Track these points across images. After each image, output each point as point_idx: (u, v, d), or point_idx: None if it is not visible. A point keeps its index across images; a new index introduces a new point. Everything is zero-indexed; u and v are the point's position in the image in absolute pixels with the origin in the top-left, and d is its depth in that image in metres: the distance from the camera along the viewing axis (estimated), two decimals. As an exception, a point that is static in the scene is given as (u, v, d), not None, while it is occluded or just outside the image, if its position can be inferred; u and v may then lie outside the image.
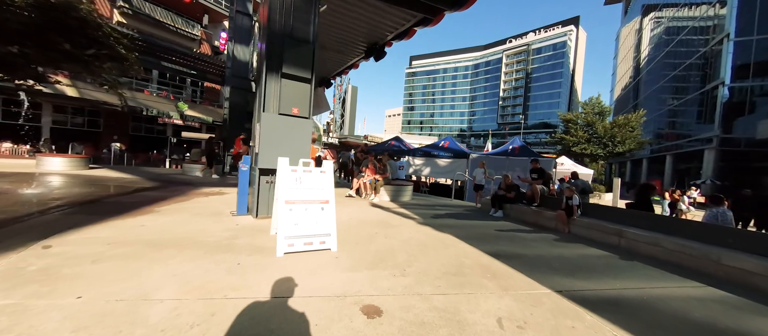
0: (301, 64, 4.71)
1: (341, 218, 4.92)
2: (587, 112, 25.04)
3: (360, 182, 7.71)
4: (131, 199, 5.60)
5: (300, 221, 3.10)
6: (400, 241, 3.81)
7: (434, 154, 11.97)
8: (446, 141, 12.61)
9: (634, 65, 45.91)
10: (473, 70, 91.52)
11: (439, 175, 12.21)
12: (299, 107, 4.77)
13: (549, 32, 76.37)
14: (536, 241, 4.39)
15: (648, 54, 39.83)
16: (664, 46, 34.05)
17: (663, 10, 36.12)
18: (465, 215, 6.32)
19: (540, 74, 76.24)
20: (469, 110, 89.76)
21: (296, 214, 3.10)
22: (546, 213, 5.54)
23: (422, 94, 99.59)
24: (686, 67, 28.85)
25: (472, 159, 10.88)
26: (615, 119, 24.40)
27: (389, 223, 4.91)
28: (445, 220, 5.58)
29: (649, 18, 40.38)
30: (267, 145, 4.46)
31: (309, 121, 4.86)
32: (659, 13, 37.28)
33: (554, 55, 74.38)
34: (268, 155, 4.44)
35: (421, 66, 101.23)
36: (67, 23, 7.59)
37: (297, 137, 4.70)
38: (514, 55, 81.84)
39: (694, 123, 26.28)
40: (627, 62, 49.80)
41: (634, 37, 46.05)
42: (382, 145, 15.09)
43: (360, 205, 6.54)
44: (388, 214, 5.72)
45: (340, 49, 10.40)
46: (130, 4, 18.54)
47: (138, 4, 18.98)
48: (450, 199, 8.76)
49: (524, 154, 10.27)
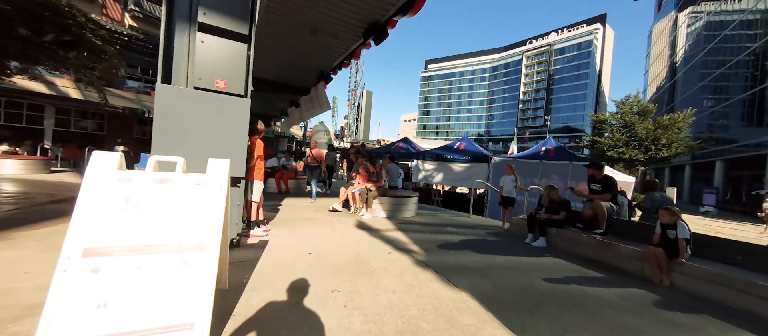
0: (230, 7, 3.02)
1: (295, 251, 3.14)
2: (624, 111, 22.14)
3: (348, 192, 5.93)
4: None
5: (115, 298, 1.34)
6: (368, 315, 1.98)
7: (448, 158, 10.05)
8: (463, 142, 10.64)
9: (669, 64, 41.93)
10: (491, 72, 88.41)
11: (454, 183, 10.24)
12: (228, 79, 3.08)
13: (573, 31, 72.37)
14: (629, 311, 2.41)
15: (685, 52, 36.03)
16: (705, 43, 30.39)
17: (702, 4, 32.36)
18: (489, 244, 4.38)
19: (563, 76, 72.15)
20: (486, 114, 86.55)
21: (108, 279, 1.35)
22: (621, 247, 3.52)
23: (438, 98, 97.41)
24: (733, 64, 25.24)
25: (494, 164, 8.88)
26: (658, 119, 21.36)
27: (369, 262, 3.08)
28: (458, 254, 3.68)
29: (686, 13, 36.59)
30: (166, 138, 2.78)
31: (244, 102, 3.15)
32: (698, 8, 33.49)
33: (579, 56, 70.23)
34: (168, 155, 2.76)
35: (436, 69, 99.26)
36: (30, 10, 6.77)
37: (225, 128, 3.01)
38: (535, 57, 78.19)
39: (740, 126, 22.54)
40: (661, 61, 45.71)
41: (669, 34, 42.15)
42: (388, 148, 13.29)
43: (342, 224, 4.77)
44: (374, 241, 3.90)
45: (334, 31, 8.76)
46: (141, 8, 18.38)
47: (149, 8, 18.79)
48: (467, 215, 6.79)
49: (561, 157, 8.17)
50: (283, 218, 4.93)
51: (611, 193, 3.95)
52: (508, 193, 5.82)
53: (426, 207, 7.93)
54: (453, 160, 9.98)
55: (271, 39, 9.84)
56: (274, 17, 7.67)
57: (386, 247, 3.67)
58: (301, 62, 11.77)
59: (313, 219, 5.00)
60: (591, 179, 4.19)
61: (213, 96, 2.98)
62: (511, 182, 5.84)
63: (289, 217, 5.02)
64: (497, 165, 8.94)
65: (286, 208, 5.82)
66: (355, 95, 63.53)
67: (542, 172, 7.95)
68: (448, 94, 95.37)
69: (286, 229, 4.22)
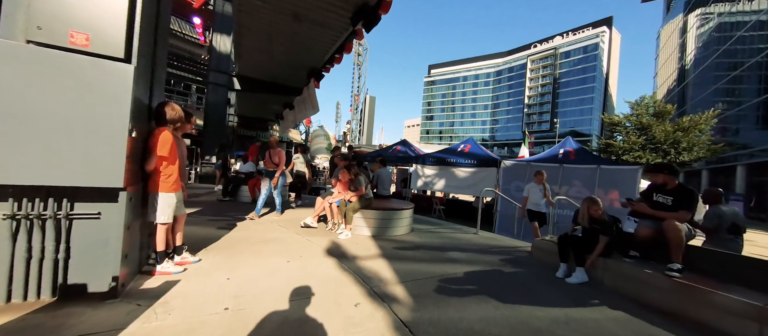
0: None
1: (203, 305, 1.84)
2: (640, 113, 20.74)
3: (324, 204, 4.73)
4: None
5: None
6: None
7: (451, 162, 8.83)
8: (467, 143, 9.41)
9: (679, 67, 40.51)
10: (495, 76, 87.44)
11: (458, 190, 9.00)
12: (93, 31, 1.93)
13: (578, 35, 71.17)
14: None
15: (696, 54, 34.70)
16: (717, 45, 29.11)
17: (712, 5, 31.18)
18: (508, 280, 3.14)
19: (569, 79, 70.82)
20: (491, 119, 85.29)
21: None
22: (721, 297, 2.25)
23: (441, 103, 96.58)
24: (748, 67, 23.89)
25: (504, 168, 7.65)
26: (678, 121, 19.92)
27: (318, 327, 1.87)
28: (465, 303, 2.45)
29: (696, 15, 35.33)
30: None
31: (123, 70, 1.98)
32: (709, 9, 32.27)
33: (585, 59, 68.91)
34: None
35: (439, 74, 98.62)
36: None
37: (82, 112, 1.85)
38: (539, 60, 77.03)
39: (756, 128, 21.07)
40: (671, 63, 44.29)
41: (679, 36, 40.88)
42: (384, 152, 12.10)
43: (309, 249, 3.56)
44: (343, 279, 2.69)
45: (319, 17, 7.70)
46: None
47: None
48: (473, 231, 5.54)
49: (583, 160, 6.91)
50: (231, 239, 3.74)
51: (690, 210, 2.68)
52: (536, 205, 4.56)
53: (424, 219, 6.69)
54: (457, 165, 8.76)
55: (252, 30, 8.81)
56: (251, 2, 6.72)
57: (356, 292, 2.45)
58: (289, 58, 10.70)
59: (271, 240, 3.80)
60: (657, 189, 2.92)
61: (64, 58, 1.82)
62: (539, 193, 4.58)
63: (241, 238, 3.83)
64: (508, 170, 7.70)
65: (245, 224, 4.64)
66: (358, 100, 63.02)
67: (563, 179, 6.70)
68: (452, 98, 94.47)
69: (222, 256, 3.03)
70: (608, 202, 6.25)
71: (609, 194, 6.20)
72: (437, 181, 9.14)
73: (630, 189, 6.02)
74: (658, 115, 20.19)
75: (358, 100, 62.83)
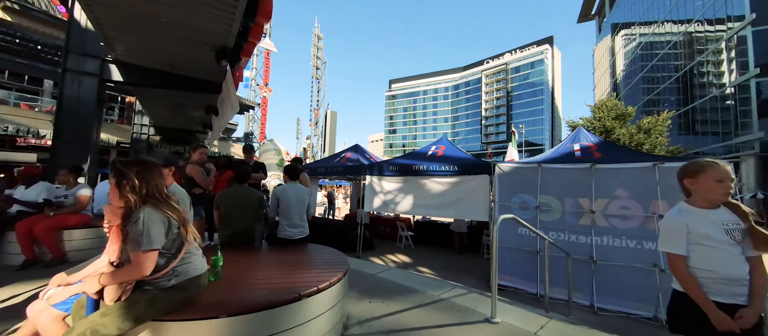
0: None
1: None
2: (602, 116, 20.34)
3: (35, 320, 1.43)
4: None
5: None
6: None
7: (420, 170, 6.00)
8: (441, 144, 6.68)
9: (612, 81, 44.20)
10: (454, 90, 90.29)
11: (435, 211, 6.11)
12: None
13: (525, 52, 76.38)
14: None
15: (624, 70, 38.19)
16: (642, 61, 32.41)
17: (634, 27, 34.93)
18: None
19: (520, 92, 75.17)
20: (452, 131, 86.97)
21: None
22: None
23: (403, 117, 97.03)
24: (668, 82, 26.71)
25: (501, 176, 4.99)
26: (639, 123, 19.76)
27: None
28: None
29: (622, 35, 39.13)
30: None
31: None
32: (631, 31, 35.98)
33: (533, 74, 73.87)
34: None
35: (400, 89, 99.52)
36: None
37: None
38: (493, 75, 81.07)
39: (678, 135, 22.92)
40: (606, 79, 48.28)
41: (610, 55, 44.95)
42: (328, 161, 8.90)
43: None
44: None
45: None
46: None
47: None
48: (463, 289, 2.72)
49: (614, 157, 4.47)
50: None
51: None
52: (725, 280, 1.74)
53: (385, 255, 3.59)
54: (427, 174, 5.92)
55: None
56: None
57: None
58: (179, 31, 7.21)
59: None
60: None
61: None
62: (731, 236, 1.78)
63: None
64: (507, 177, 5.00)
65: None
66: (318, 115, 59.82)
67: (598, 188, 4.16)
68: (414, 112, 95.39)
69: None
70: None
71: (679, 209, 3.80)
72: (402, 198, 6.20)
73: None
74: (619, 117, 19.91)
75: (318, 115, 59.38)
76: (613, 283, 3.98)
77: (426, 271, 5.58)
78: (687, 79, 24.89)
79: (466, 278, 5.08)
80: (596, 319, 3.79)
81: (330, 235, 7.08)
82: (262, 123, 39.88)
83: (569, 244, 4.23)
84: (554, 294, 3.87)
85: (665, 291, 3.74)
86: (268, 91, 39.37)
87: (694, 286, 1.44)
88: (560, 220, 4.47)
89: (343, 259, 2.41)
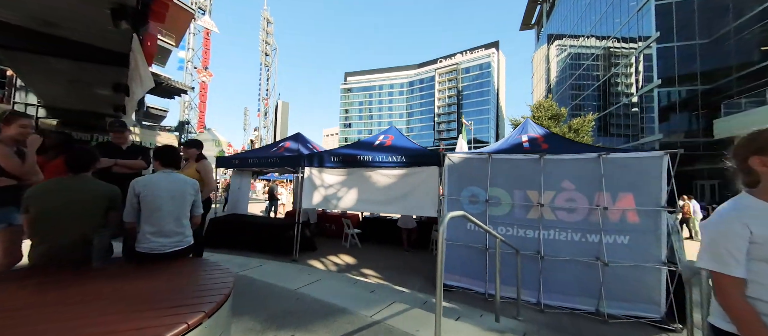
0: None
1: None
2: (540, 116, 22.04)
3: None
4: None
5: None
6: None
7: (365, 161, 5.38)
8: (389, 134, 6.14)
9: (547, 86, 49.14)
10: (409, 86, 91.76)
11: (381, 207, 5.54)
12: None
13: (475, 54, 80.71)
14: None
15: (557, 76, 42.69)
16: (570, 70, 36.77)
17: (564, 39, 39.33)
18: None
19: (470, 92, 79.42)
20: (407, 126, 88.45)
21: None
22: None
23: (359, 111, 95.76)
24: (591, 89, 31.14)
25: (450, 167, 4.61)
26: (569, 123, 21.84)
27: None
28: None
29: (555, 45, 43.63)
30: None
31: None
32: (562, 42, 40.42)
33: (481, 75, 78.48)
34: None
35: (356, 82, 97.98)
36: None
37: None
38: (445, 74, 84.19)
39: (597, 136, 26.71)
40: (542, 83, 53.42)
41: (545, 62, 49.87)
42: (265, 151, 7.77)
43: None
44: None
45: None
46: None
47: None
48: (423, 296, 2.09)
49: (562, 148, 4.40)
50: None
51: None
52: None
53: (329, 257, 2.87)
54: (374, 165, 5.32)
55: None
56: None
57: None
58: None
59: None
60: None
61: None
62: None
63: None
64: (456, 169, 4.63)
65: None
66: (267, 105, 55.57)
67: (546, 180, 4.00)
68: (369, 107, 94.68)
69: None
70: (619, 213, 3.75)
71: (620, 200, 3.75)
72: (344, 193, 5.50)
73: (654, 189, 3.65)
74: (553, 117, 21.76)
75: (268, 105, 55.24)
76: (559, 279, 3.83)
77: (370, 273, 4.98)
78: (605, 88, 28.54)
79: (413, 280, 4.61)
80: (544, 317, 3.58)
81: (263, 238, 6.08)
82: (201, 111, 35.13)
83: (518, 239, 3.99)
84: (502, 292, 3.58)
85: (607, 284, 3.70)
86: (207, 75, 34.74)
87: (758, 326, 0.91)
88: (509, 214, 4.21)
89: (226, 280, 1.64)
